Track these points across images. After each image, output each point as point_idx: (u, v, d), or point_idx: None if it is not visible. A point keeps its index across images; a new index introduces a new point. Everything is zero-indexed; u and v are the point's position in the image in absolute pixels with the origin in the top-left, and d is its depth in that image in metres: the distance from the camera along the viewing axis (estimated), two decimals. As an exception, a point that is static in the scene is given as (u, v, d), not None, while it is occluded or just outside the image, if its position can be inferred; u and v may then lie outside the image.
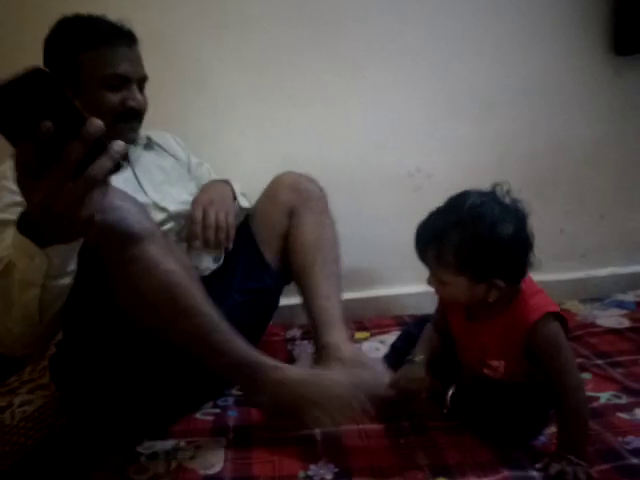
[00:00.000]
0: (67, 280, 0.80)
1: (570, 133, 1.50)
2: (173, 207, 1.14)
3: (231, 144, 1.46)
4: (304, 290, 1.16)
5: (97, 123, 0.55)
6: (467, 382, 0.96)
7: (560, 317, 0.87)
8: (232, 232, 1.14)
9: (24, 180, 0.57)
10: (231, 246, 1.15)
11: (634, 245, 1.55)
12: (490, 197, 0.87)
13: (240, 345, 0.90)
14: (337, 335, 1.08)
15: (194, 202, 1.15)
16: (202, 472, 0.87)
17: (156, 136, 1.24)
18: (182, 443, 0.95)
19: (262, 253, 1.21)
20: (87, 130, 0.55)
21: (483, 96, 1.48)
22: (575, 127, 1.49)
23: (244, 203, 1.25)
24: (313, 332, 1.14)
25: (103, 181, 0.58)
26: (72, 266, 0.79)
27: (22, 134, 0.55)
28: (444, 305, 1.00)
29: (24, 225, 0.66)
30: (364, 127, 1.48)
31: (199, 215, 1.12)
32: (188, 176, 1.28)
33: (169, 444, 0.95)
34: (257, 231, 1.23)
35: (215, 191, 1.20)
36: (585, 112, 1.49)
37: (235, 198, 1.22)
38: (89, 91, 1.04)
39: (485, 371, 0.93)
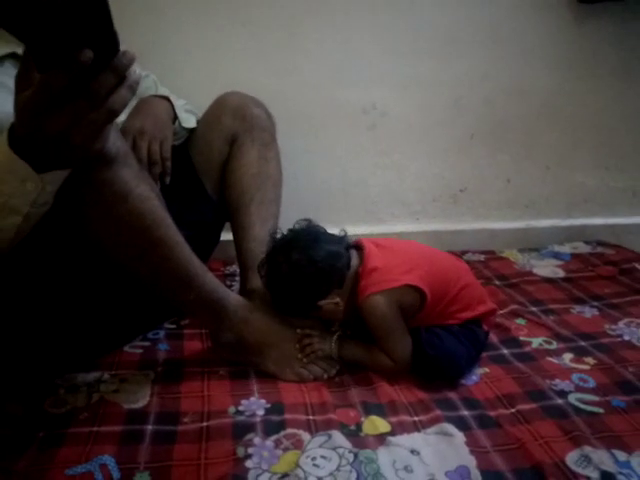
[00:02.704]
0: (46, 209, 0.70)
1: (527, 80, 1.47)
2: None
3: (174, 62, 1.34)
4: (237, 229, 1.09)
5: (131, 55, 0.53)
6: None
7: (389, 293, 0.89)
8: (168, 164, 1.04)
9: (44, 108, 0.54)
10: (168, 180, 1.05)
11: (575, 199, 1.58)
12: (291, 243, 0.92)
13: (211, 281, 0.87)
14: None
15: (123, 130, 1.02)
16: (126, 406, 0.83)
17: None
18: (106, 376, 0.90)
19: (203, 183, 1.13)
20: (121, 62, 0.52)
21: (445, 35, 1.42)
22: (532, 74, 1.46)
23: (189, 123, 1.14)
24: (241, 274, 1.09)
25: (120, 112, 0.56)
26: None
27: (55, 60, 0.50)
28: None
29: (16, 147, 0.59)
30: (319, 58, 1.39)
31: (129, 139, 1.00)
32: None
33: (91, 376, 0.90)
34: (197, 159, 1.13)
35: (149, 114, 1.07)
36: (543, 59, 1.46)
37: (176, 118, 1.11)
38: None
39: None
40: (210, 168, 1.13)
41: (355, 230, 1.50)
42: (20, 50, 0.69)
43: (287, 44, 1.37)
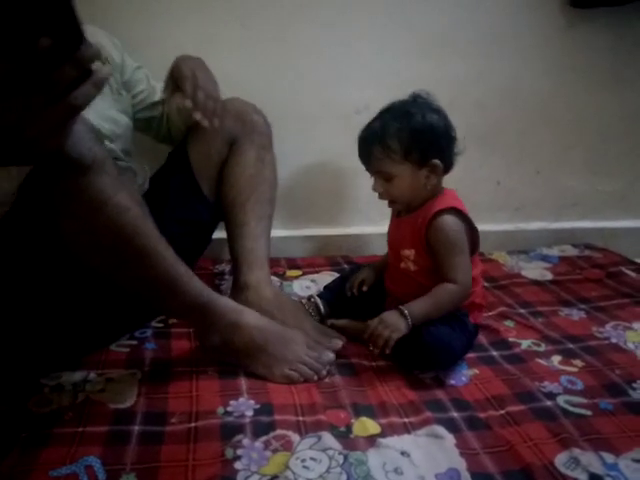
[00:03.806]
0: (5, 209, 0.68)
1: (519, 83, 1.47)
2: (95, 124, 1.01)
3: (168, 58, 1.32)
4: (232, 227, 1.09)
5: (95, 49, 0.49)
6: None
7: (464, 217, 0.96)
8: (220, 106, 1.03)
9: None
10: (217, 123, 1.02)
11: (564, 203, 1.59)
12: (413, 99, 0.99)
13: (196, 285, 0.86)
14: (259, 274, 1.04)
15: (177, 61, 1.04)
16: (112, 406, 0.82)
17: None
18: (92, 375, 0.89)
19: (198, 182, 1.12)
20: (85, 54, 0.48)
21: (439, 37, 1.41)
22: (525, 78, 1.47)
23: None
24: (234, 270, 1.09)
25: (82, 109, 0.52)
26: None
27: (9, 45, 0.46)
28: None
29: None
30: (313, 57, 1.38)
31: (188, 72, 1.00)
32: (120, 84, 1.10)
33: (77, 376, 0.88)
34: (195, 158, 1.12)
35: (197, 63, 1.07)
36: (536, 63, 1.46)
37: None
38: None
39: (402, 265, 1.00)
40: (208, 168, 1.12)
41: (346, 230, 1.52)
42: None
43: (282, 43, 1.36)
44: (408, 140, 0.93)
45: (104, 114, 1.00)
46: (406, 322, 0.90)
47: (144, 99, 1.15)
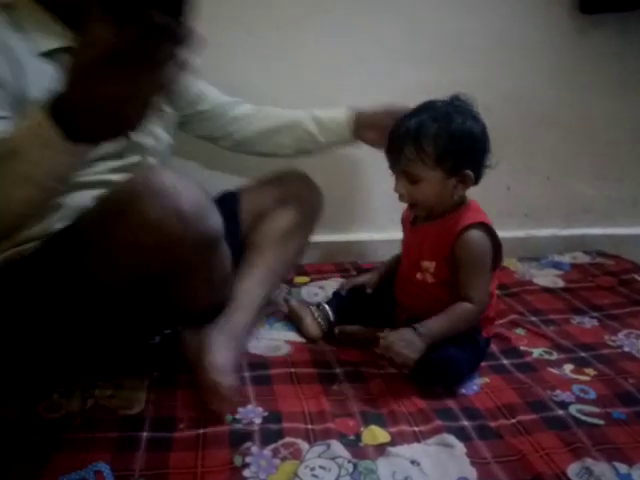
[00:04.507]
0: (61, 190, 0.65)
1: (528, 89, 1.47)
2: (138, 139, 0.95)
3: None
4: (244, 265, 1.05)
5: (203, 40, 0.51)
6: (399, 324, 0.95)
7: (492, 234, 0.93)
8: None
9: (100, 68, 0.48)
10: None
11: (575, 209, 1.57)
12: (453, 101, 0.95)
13: None
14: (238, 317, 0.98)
15: None
16: (121, 412, 0.82)
17: None
18: (101, 381, 0.89)
19: (239, 219, 1.11)
20: (186, 35, 0.49)
21: (446, 41, 1.41)
22: (533, 83, 1.46)
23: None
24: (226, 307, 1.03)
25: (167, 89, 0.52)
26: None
27: (129, 14, 0.46)
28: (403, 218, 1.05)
29: (54, 113, 0.54)
30: (319, 62, 1.38)
31: None
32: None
33: (86, 382, 0.88)
34: (244, 196, 1.13)
35: None
36: (545, 69, 1.45)
37: None
38: None
39: (417, 277, 0.97)
40: (250, 211, 1.12)
41: (355, 237, 1.51)
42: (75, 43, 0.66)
43: (286, 48, 1.36)
44: (444, 145, 0.88)
45: (147, 129, 0.97)
46: (423, 342, 0.87)
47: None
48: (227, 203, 1.10)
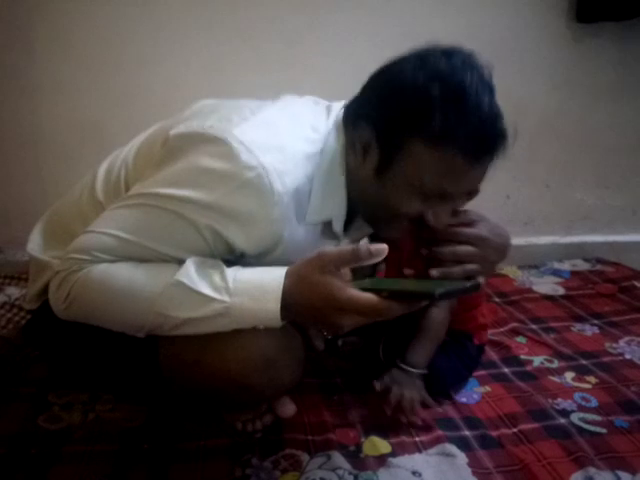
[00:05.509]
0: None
1: (526, 98, 1.47)
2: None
3: (173, 75, 1.34)
4: None
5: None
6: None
7: None
8: None
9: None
10: None
11: (574, 217, 1.58)
12: None
13: None
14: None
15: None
16: (122, 425, 0.81)
17: None
18: (102, 394, 0.88)
19: None
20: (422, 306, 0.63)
21: (444, 52, 1.43)
22: (531, 92, 1.47)
23: None
24: None
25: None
26: None
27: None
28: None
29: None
30: (320, 73, 1.39)
31: None
32: None
33: (86, 394, 0.88)
34: None
35: None
36: (543, 77, 1.46)
37: None
38: (396, 180, 0.72)
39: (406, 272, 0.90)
40: None
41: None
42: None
43: (287, 59, 1.38)
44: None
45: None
46: (419, 378, 0.85)
47: None
48: None
